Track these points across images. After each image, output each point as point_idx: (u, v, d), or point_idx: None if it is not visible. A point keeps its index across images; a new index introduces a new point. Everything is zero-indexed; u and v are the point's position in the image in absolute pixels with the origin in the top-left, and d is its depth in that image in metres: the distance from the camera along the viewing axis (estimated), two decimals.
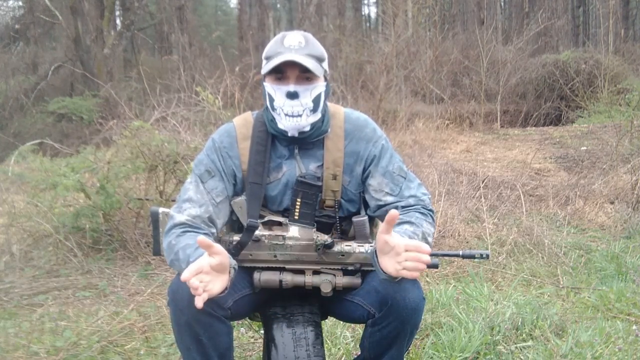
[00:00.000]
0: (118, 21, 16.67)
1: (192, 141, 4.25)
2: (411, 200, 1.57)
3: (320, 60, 1.52)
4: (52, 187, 3.79)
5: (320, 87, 1.53)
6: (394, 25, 11.19)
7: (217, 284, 1.29)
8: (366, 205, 1.65)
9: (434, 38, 12.26)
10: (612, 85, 11.08)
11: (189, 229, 1.49)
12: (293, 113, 1.50)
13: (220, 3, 29.05)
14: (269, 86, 1.53)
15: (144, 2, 14.10)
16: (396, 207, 1.56)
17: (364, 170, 1.61)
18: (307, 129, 1.54)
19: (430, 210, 1.57)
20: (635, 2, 21.41)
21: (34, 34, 15.83)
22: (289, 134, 1.54)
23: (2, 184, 4.37)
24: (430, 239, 1.50)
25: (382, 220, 1.59)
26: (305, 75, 1.50)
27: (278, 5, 25.09)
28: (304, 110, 1.51)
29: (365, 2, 26.89)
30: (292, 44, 1.50)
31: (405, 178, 1.60)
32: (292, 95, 1.49)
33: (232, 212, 1.60)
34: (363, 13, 25.80)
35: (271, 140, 1.60)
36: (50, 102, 11.70)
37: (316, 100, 1.52)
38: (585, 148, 7.71)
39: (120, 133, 4.18)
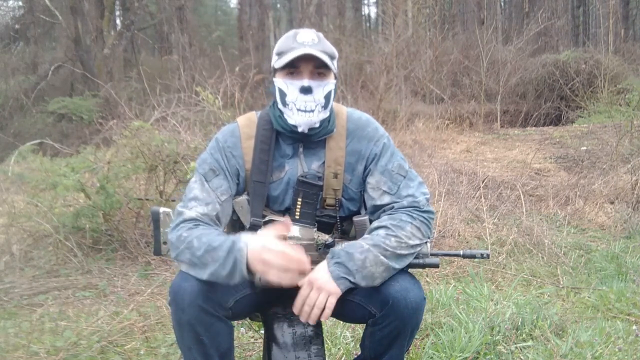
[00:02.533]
0: (118, 21, 16.68)
1: (192, 141, 4.25)
2: (407, 201, 1.54)
3: (332, 57, 1.54)
4: (52, 187, 3.79)
5: (331, 84, 1.54)
6: (394, 25, 11.20)
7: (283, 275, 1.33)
8: (366, 206, 1.65)
9: (434, 38, 12.23)
10: (612, 85, 11.05)
11: (201, 224, 1.46)
12: (306, 108, 1.51)
13: (220, 3, 29.02)
14: (281, 81, 1.53)
15: (144, 2, 14.09)
16: (392, 209, 1.54)
17: (365, 168, 1.61)
18: (317, 125, 1.55)
19: (424, 211, 1.53)
20: (636, 2, 21.41)
21: (34, 34, 15.81)
22: (300, 129, 1.54)
23: (2, 184, 4.37)
24: (412, 242, 1.47)
25: None
26: (318, 70, 1.51)
27: (278, 5, 25.04)
28: (316, 106, 1.52)
29: (365, 2, 26.88)
30: (306, 40, 1.50)
31: (405, 177, 1.58)
32: (306, 90, 1.50)
33: (233, 211, 1.60)
34: (363, 13, 25.78)
35: (275, 139, 1.60)
36: (50, 102, 11.67)
37: (327, 97, 1.53)
38: (585, 148, 7.71)
39: (120, 133, 4.18)
